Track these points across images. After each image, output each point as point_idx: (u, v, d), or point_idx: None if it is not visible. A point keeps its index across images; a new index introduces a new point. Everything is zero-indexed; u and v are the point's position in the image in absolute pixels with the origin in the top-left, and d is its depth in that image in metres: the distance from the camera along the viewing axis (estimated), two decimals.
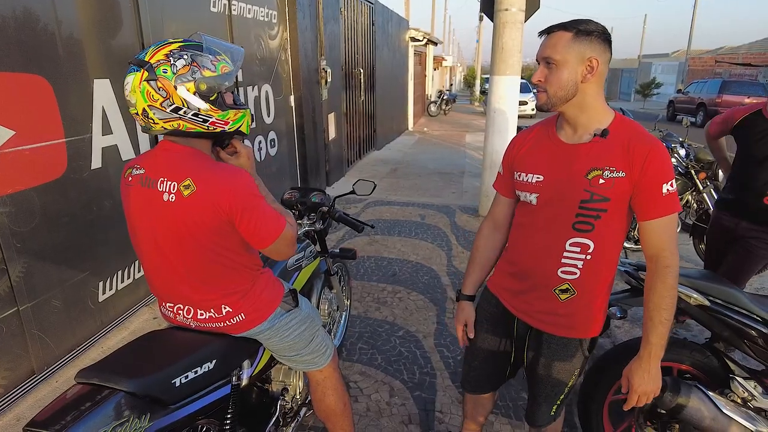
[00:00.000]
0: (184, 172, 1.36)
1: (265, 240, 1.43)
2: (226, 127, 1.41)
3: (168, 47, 1.33)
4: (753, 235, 2.57)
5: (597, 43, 1.30)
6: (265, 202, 1.45)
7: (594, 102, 1.36)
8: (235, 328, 1.59)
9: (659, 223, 1.33)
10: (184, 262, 1.45)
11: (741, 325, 1.85)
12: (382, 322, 3.22)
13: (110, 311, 3.00)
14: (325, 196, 2.38)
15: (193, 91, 1.32)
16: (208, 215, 1.36)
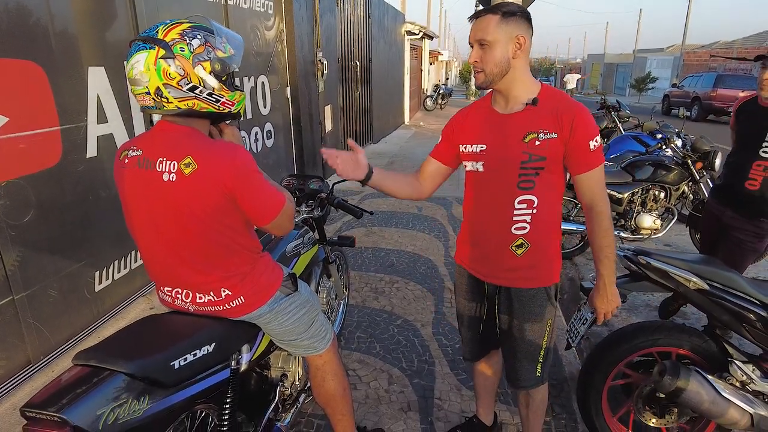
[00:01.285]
0: (184, 150, 1.35)
1: (267, 215, 1.44)
2: (233, 108, 1.42)
3: (180, 26, 1.32)
4: (737, 225, 2.60)
5: (521, 22, 1.47)
6: (265, 178, 1.45)
7: (522, 75, 1.54)
8: (234, 311, 1.57)
9: (590, 176, 1.53)
10: (184, 244, 1.44)
11: (740, 309, 1.86)
12: (380, 312, 3.22)
13: (107, 301, 2.98)
14: (323, 182, 2.37)
15: (209, 70, 1.33)
16: (210, 192, 1.35)
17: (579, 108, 1.51)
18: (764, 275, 3.88)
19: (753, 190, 2.53)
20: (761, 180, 2.51)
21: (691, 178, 4.33)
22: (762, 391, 1.84)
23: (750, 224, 2.57)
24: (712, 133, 10.01)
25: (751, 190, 2.53)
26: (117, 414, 1.17)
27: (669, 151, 4.47)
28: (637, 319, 3.21)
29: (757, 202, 2.53)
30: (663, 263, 1.93)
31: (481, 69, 1.53)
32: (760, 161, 2.51)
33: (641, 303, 3.42)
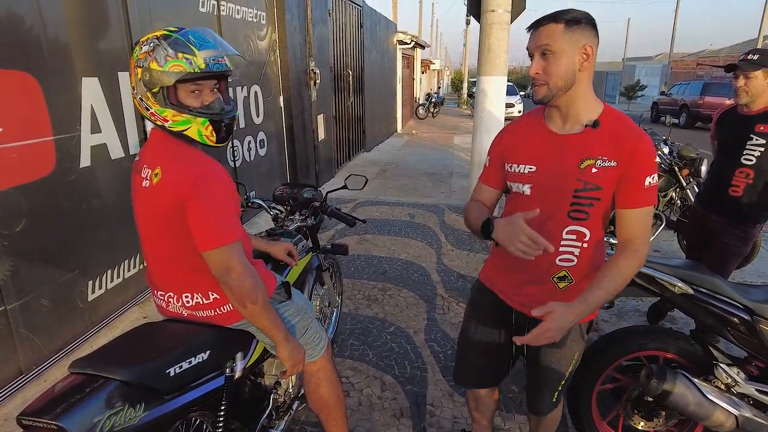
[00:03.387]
0: (159, 159, 1.42)
1: (206, 241, 1.37)
2: (166, 124, 1.40)
3: (154, 33, 1.39)
4: (723, 230, 2.66)
5: (588, 30, 1.32)
6: (229, 206, 1.42)
7: (586, 92, 1.38)
8: (226, 317, 1.60)
9: (637, 213, 1.38)
10: (168, 247, 1.49)
11: (724, 313, 1.90)
12: (373, 319, 3.24)
13: (100, 310, 2.98)
14: (316, 191, 2.40)
15: (140, 77, 1.37)
16: (170, 202, 1.38)
17: (643, 138, 1.36)
18: (751, 280, 3.95)
19: (736, 196, 2.60)
20: (743, 186, 2.57)
21: (678, 185, 4.41)
22: (747, 393, 1.88)
23: (735, 228, 2.63)
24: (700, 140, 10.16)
25: (734, 196, 2.60)
26: (113, 422, 1.19)
27: (657, 158, 4.55)
28: (627, 324, 3.25)
29: (740, 207, 2.60)
30: (649, 269, 1.97)
31: (544, 81, 1.35)
32: (742, 168, 2.57)
33: (631, 308, 3.47)
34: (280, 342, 1.58)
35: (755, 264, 4.14)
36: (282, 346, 1.59)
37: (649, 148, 1.36)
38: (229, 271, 1.40)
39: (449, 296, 3.59)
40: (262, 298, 1.48)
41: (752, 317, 1.86)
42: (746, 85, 2.50)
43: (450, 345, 2.93)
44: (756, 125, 2.53)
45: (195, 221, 1.37)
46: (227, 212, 1.41)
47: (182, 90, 1.40)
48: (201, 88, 1.43)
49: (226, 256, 1.39)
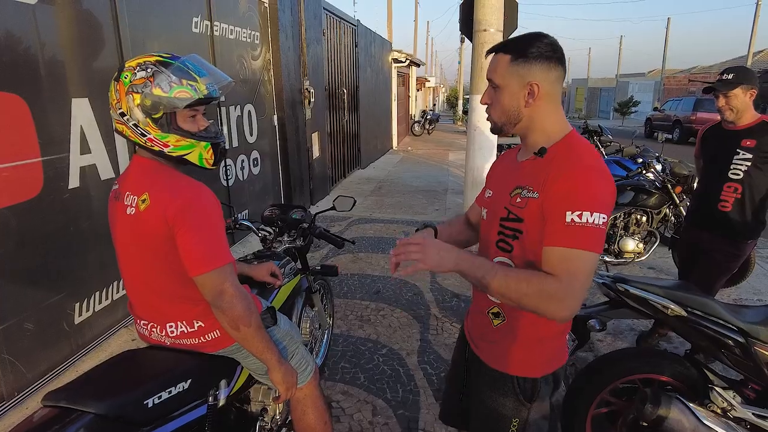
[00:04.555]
0: (144, 186, 1.40)
1: (199, 264, 1.35)
2: (166, 150, 1.41)
3: (145, 58, 1.39)
4: (716, 247, 2.66)
5: (537, 65, 1.19)
6: (219, 229, 1.41)
7: (543, 123, 1.25)
8: (210, 345, 1.56)
9: (553, 253, 1.13)
10: (152, 276, 1.47)
11: (718, 335, 1.87)
12: (365, 341, 3.19)
13: (87, 333, 2.92)
14: (305, 212, 2.38)
15: (137, 103, 1.36)
16: (159, 228, 1.37)
17: (576, 167, 1.15)
18: (747, 297, 3.92)
19: (725, 211, 2.61)
20: (732, 201, 2.59)
21: (672, 202, 4.41)
22: (743, 418, 1.84)
23: (728, 245, 2.63)
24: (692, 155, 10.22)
25: (724, 211, 2.61)
26: None
27: (650, 175, 4.56)
28: (623, 343, 3.22)
29: (730, 223, 2.60)
30: (641, 290, 1.95)
31: (489, 114, 1.30)
32: (730, 183, 2.59)
33: (626, 327, 3.43)
34: (273, 365, 1.55)
35: (750, 281, 4.12)
36: (275, 369, 1.56)
37: (578, 179, 1.13)
38: (222, 294, 1.39)
39: (443, 316, 3.55)
40: (255, 320, 1.46)
41: (746, 339, 1.83)
42: (728, 104, 2.54)
43: (443, 367, 2.88)
44: (742, 140, 2.56)
45: (186, 245, 1.36)
46: (218, 235, 1.41)
47: (181, 115, 1.42)
48: (197, 113, 1.46)
49: (219, 279, 1.38)
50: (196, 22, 3.98)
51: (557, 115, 1.27)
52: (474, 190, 5.44)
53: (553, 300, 1.10)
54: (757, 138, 2.53)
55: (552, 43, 1.22)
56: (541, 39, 1.21)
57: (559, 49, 1.22)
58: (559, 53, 1.22)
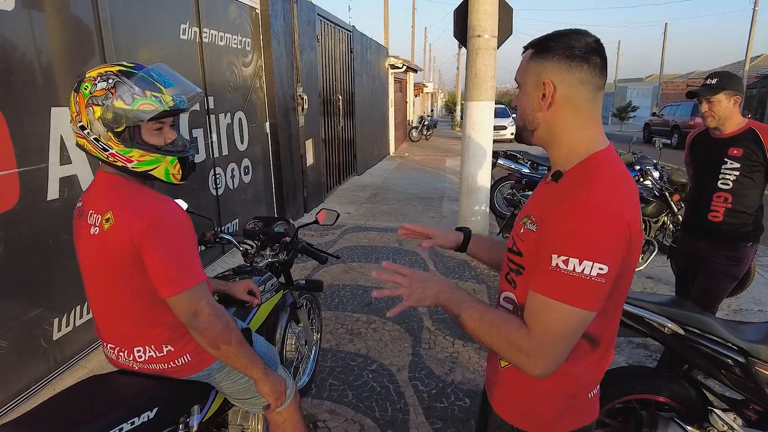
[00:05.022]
0: (108, 204, 1.33)
1: (170, 285, 1.28)
2: (129, 165, 1.33)
3: (107, 68, 1.31)
4: (713, 254, 2.56)
5: (553, 62, 1.02)
6: (190, 246, 1.34)
7: (563, 136, 1.05)
8: (180, 370, 1.48)
9: (533, 299, 0.99)
10: (118, 298, 1.39)
11: (717, 355, 1.79)
12: (354, 355, 3.10)
13: (66, 349, 2.83)
14: (289, 225, 2.30)
15: (98, 115, 1.28)
16: (124, 248, 1.29)
17: (575, 204, 0.96)
18: (747, 308, 3.84)
19: (716, 221, 2.52)
20: (723, 211, 2.50)
21: (670, 210, 4.34)
22: None
23: (726, 249, 2.52)
24: None
25: (715, 221, 2.52)
26: None
27: (648, 183, 4.48)
28: (620, 357, 3.13)
29: (723, 231, 2.52)
30: (636, 307, 1.87)
31: None
32: (720, 192, 2.50)
33: (623, 340, 3.34)
34: (260, 378, 1.49)
35: (751, 291, 4.04)
36: (261, 382, 1.49)
37: (574, 219, 0.95)
38: (197, 314, 1.31)
39: (436, 329, 3.46)
40: (236, 337, 1.39)
41: (747, 359, 1.75)
42: (711, 110, 2.44)
43: (434, 384, 2.79)
44: (729, 149, 2.46)
45: (155, 266, 1.29)
46: (189, 253, 1.34)
47: (146, 128, 1.34)
48: (163, 125, 1.38)
49: (193, 299, 1.31)
50: (183, 28, 3.91)
51: (584, 128, 1.05)
52: (469, 198, 5.37)
53: (522, 354, 0.98)
54: (744, 146, 2.42)
55: (585, 40, 1.01)
56: (571, 34, 1.03)
57: (591, 49, 1.01)
58: (587, 52, 1.01)
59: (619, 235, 0.95)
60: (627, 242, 0.96)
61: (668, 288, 4.23)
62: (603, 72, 1.03)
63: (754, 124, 2.45)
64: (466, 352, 3.16)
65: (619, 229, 0.95)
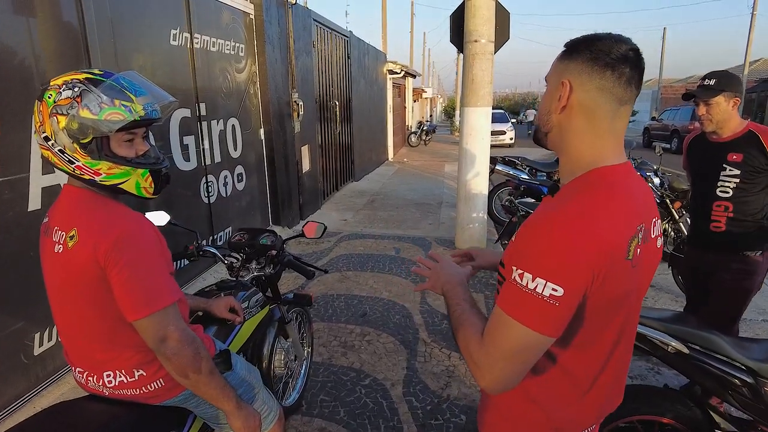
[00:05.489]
0: (73, 220, 1.24)
1: (137, 308, 1.20)
2: (97, 178, 1.25)
3: (72, 75, 1.24)
4: (721, 267, 2.41)
5: (577, 64, 0.95)
6: (159, 266, 1.25)
7: (571, 143, 0.98)
8: (154, 396, 1.39)
9: (494, 311, 0.93)
10: (86, 320, 1.30)
11: (724, 374, 1.69)
12: (347, 370, 3.00)
13: (48, 365, 2.74)
14: (276, 238, 2.20)
15: (63, 126, 1.19)
16: (88, 268, 1.21)
17: (546, 214, 0.91)
18: (752, 318, 3.74)
19: (719, 232, 2.38)
20: (724, 221, 2.35)
21: (671, 218, 4.25)
22: None
23: (734, 261, 2.36)
24: None
25: (717, 232, 2.38)
26: None
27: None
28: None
29: (728, 242, 2.37)
30: (638, 324, 1.77)
31: None
32: (719, 201, 2.35)
33: None
34: (232, 411, 1.39)
35: (756, 300, 3.93)
36: (234, 416, 1.39)
37: (536, 230, 0.90)
38: (165, 339, 1.23)
39: (432, 341, 3.37)
40: (206, 365, 1.30)
41: (756, 379, 1.65)
42: (709, 113, 2.28)
43: (429, 400, 2.70)
44: (728, 154, 2.31)
45: (121, 287, 1.21)
46: (157, 273, 1.25)
47: (115, 139, 1.26)
48: (134, 136, 1.30)
49: (161, 323, 1.23)
50: (174, 34, 3.84)
51: (597, 140, 0.96)
52: (467, 204, 5.29)
53: (473, 363, 0.95)
54: (744, 151, 2.27)
55: (617, 47, 0.92)
56: (605, 39, 0.94)
57: (621, 57, 0.92)
58: (615, 60, 0.92)
59: (584, 255, 0.86)
60: (597, 267, 0.86)
61: (669, 297, 4.14)
62: (630, 84, 0.95)
63: (753, 126, 2.30)
64: (463, 365, 3.06)
65: (588, 249, 0.86)
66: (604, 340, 1.01)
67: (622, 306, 0.98)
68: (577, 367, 1.02)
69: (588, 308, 0.92)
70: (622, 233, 0.91)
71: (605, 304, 0.94)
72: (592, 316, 0.94)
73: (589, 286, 0.88)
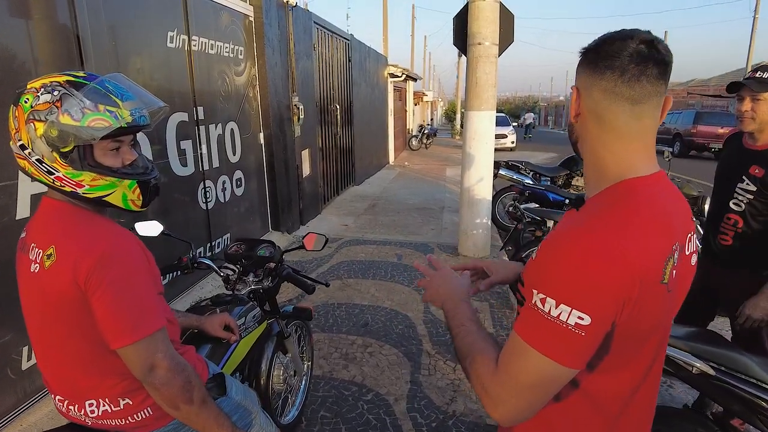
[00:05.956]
0: (51, 237, 1.13)
1: (121, 335, 1.10)
2: (79, 190, 1.14)
3: (52, 78, 1.12)
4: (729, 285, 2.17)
5: (581, 68, 0.90)
6: (146, 288, 1.15)
7: (594, 153, 0.91)
8: (141, 426, 1.28)
9: (511, 336, 0.86)
10: (68, 345, 1.19)
11: (752, 397, 1.58)
12: (349, 384, 2.89)
13: (36, 380, 2.62)
14: (274, 249, 2.10)
15: (40, 133, 1.09)
16: (68, 292, 1.10)
17: (569, 233, 0.83)
18: None
19: (725, 245, 2.18)
20: (732, 235, 2.14)
21: None
22: None
23: (743, 282, 2.10)
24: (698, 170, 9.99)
25: (724, 245, 2.18)
26: None
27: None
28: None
29: (735, 258, 2.16)
30: None
31: None
32: (731, 214, 2.15)
33: None
34: None
35: None
36: None
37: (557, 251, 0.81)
38: (153, 368, 1.13)
39: (436, 353, 3.26)
40: (198, 394, 1.20)
41: None
42: (754, 110, 1.99)
43: (435, 416, 2.58)
44: (751, 165, 2.06)
45: (103, 311, 1.10)
46: (144, 294, 1.15)
47: (99, 148, 1.15)
48: (120, 144, 1.19)
49: (148, 350, 1.13)
50: (171, 36, 3.74)
51: (617, 147, 0.88)
52: (470, 210, 5.18)
53: (484, 392, 0.87)
54: (767, 167, 2.03)
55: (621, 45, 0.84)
56: (610, 37, 0.87)
57: (628, 54, 0.83)
58: (618, 58, 0.84)
59: (615, 280, 0.78)
60: (629, 293, 0.78)
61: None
62: (640, 80, 0.84)
63: None
64: None
65: (619, 273, 0.78)
66: (635, 364, 0.92)
67: (656, 331, 0.90)
68: (605, 394, 0.92)
69: (617, 335, 0.84)
70: (657, 255, 0.82)
71: (637, 331, 0.85)
72: (623, 342, 0.86)
73: (619, 313, 0.80)
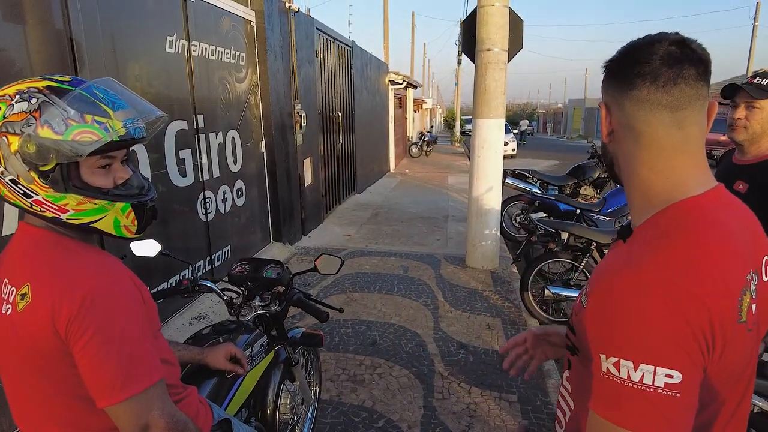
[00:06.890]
0: (26, 273, 0.95)
1: (109, 392, 0.92)
2: (63, 216, 0.96)
3: (30, 83, 0.94)
4: None
5: (608, 81, 0.81)
6: (138, 334, 0.96)
7: (633, 175, 0.79)
8: None
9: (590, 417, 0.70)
10: (44, 401, 1.01)
11: None
12: (358, 409, 2.71)
13: None
14: (283, 270, 1.92)
15: (15, 148, 0.90)
16: (45, 340, 0.92)
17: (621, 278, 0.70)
18: None
19: None
20: None
21: None
22: None
23: None
24: None
25: None
26: None
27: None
28: None
29: None
30: None
31: None
32: None
33: None
34: None
35: None
36: None
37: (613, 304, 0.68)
38: (148, 429, 0.95)
39: (449, 374, 3.08)
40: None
41: None
42: (747, 118, 1.86)
43: None
44: (736, 181, 1.90)
45: (87, 365, 0.92)
46: (136, 343, 0.96)
47: (86, 165, 0.97)
48: (112, 161, 1.01)
49: (141, 409, 0.94)
50: (170, 41, 3.59)
51: (660, 164, 0.76)
52: (478, 221, 5.03)
53: None
54: (750, 181, 1.87)
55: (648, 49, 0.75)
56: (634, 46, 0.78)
57: (658, 57, 0.73)
58: (639, 65, 0.74)
59: (692, 326, 0.64)
60: (704, 338, 0.65)
61: None
62: (677, 83, 0.73)
63: None
64: (485, 402, 2.78)
65: (692, 318, 0.64)
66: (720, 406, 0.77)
67: (744, 372, 0.77)
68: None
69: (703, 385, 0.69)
70: (729, 289, 0.68)
71: (722, 377, 0.72)
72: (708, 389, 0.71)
73: (706, 359, 0.66)
